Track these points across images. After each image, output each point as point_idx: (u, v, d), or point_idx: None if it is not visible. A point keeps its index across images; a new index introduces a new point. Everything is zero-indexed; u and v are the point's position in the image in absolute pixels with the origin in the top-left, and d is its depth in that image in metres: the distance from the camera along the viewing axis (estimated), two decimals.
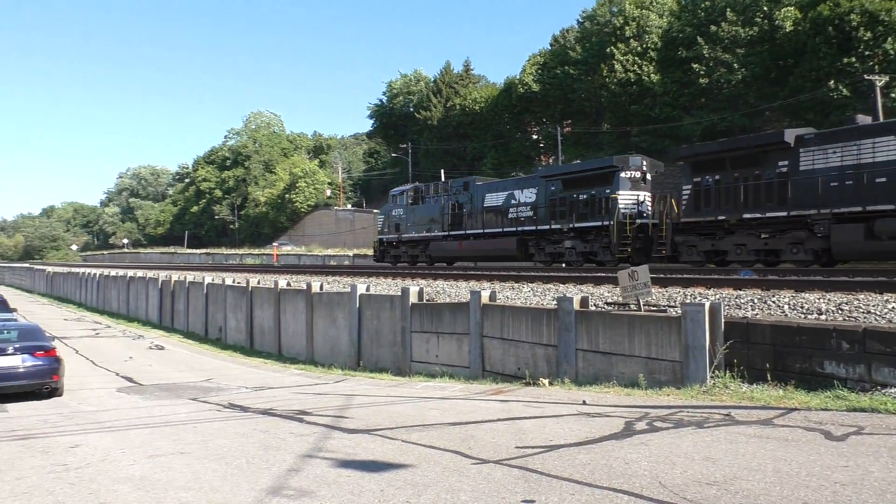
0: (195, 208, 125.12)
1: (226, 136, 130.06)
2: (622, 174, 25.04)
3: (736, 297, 12.92)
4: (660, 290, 14.65)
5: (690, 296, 13.65)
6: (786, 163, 19.51)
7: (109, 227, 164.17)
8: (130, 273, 47.11)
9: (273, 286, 25.15)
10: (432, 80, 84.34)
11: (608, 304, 13.87)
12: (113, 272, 51.96)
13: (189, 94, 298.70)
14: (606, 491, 6.00)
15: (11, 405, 13.88)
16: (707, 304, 11.00)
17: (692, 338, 10.87)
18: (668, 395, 10.35)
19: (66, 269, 74.58)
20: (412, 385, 14.52)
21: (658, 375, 11.38)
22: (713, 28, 48.56)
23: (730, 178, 20.96)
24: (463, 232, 31.41)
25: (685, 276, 16.87)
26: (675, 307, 12.30)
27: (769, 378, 10.15)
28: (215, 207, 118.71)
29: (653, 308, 12.57)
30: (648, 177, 25.55)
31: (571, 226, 25.89)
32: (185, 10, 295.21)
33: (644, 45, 54.31)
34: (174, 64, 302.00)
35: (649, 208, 24.45)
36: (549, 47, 67.21)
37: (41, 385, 14.76)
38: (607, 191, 24.79)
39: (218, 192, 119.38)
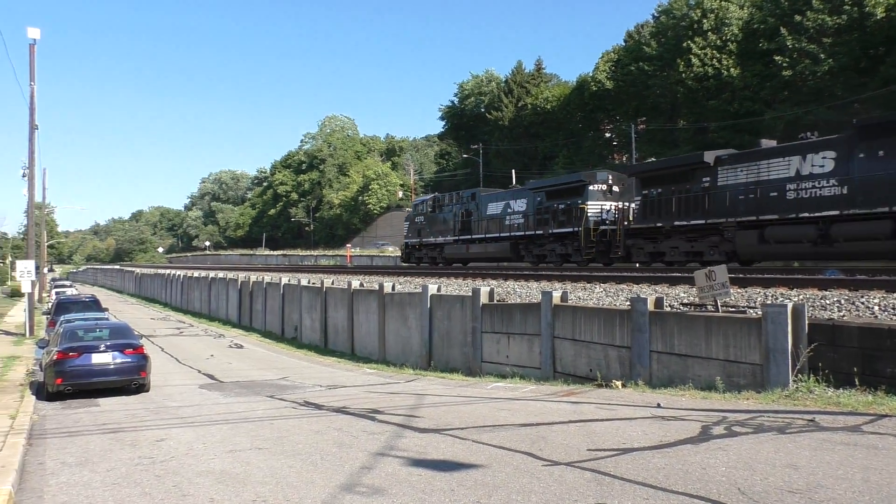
0: (272, 211, 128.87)
1: (302, 141, 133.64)
2: (591, 187, 28.50)
3: (821, 298, 12.36)
4: (738, 290, 14.17)
5: (771, 296, 13.15)
6: (707, 179, 23.01)
7: (193, 229, 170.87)
8: (212, 274, 48.86)
9: (346, 287, 25.61)
10: (504, 80, 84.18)
11: (684, 304, 13.51)
12: (195, 273, 54.02)
13: (267, 100, 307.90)
14: (682, 496, 5.85)
15: (103, 400, 14.61)
16: (790, 305, 10.57)
17: (773, 340, 10.47)
18: (748, 399, 10.00)
19: (152, 271, 77.98)
20: (483, 385, 14.52)
21: (736, 379, 11.02)
22: (797, 18, 46.62)
23: (668, 192, 24.40)
24: (470, 237, 35.29)
25: (765, 276, 16.25)
26: (755, 308, 11.88)
27: (857, 383, 9.67)
28: (291, 210, 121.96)
29: (731, 309, 12.18)
30: (615, 189, 28.77)
31: (551, 231, 29.57)
32: (263, 21, 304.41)
33: (723, 38, 52.70)
34: (253, 72, 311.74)
35: (614, 216, 27.54)
36: (623, 43, 66.07)
37: (130, 381, 15.46)
38: (579, 202, 28.45)
39: (294, 196, 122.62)
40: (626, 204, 27.02)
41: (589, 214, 27.71)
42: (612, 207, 27.80)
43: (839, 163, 19.26)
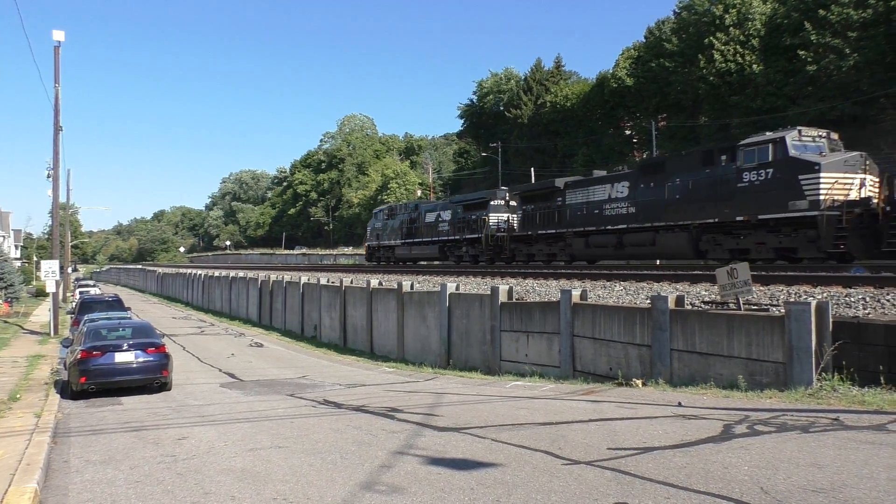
0: (292, 210, 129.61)
1: (321, 140, 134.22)
2: (492, 202, 35.70)
3: (845, 296, 12.18)
4: (761, 288, 14.01)
5: (795, 294, 12.98)
6: (560, 199, 30.07)
7: (213, 229, 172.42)
8: (232, 273, 49.24)
9: (365, 286, 25.68)
10: (523, 77, 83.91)
11: (705, 303, 13.39)
12: (216, 273, 54.47)
13: (287, 100, 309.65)
14: (703, 495, 5.80)
15: (126, 398, 14.78)
16: (813, 303, 10.43)
17: (797, 338, 10.34)
18: (770, 397, 9.88)
19: (174, 270, 78.77)
20: (502, 384, 14.49)
21: (759, 377, 10.89)
22: (822, 12, 45.93)
23: (537, 208, 31.58)
24: (413, 240, 42.55)
25: (789, 273, 16.06)
26: (778, 306, 11.73)
27: (883, 381, 9.51)
28: (311, 209, 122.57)
29: (753, 307, 12.04)
30: (512, 203, 35.13)
31: (464, 237, 36.90)
32: (283, 21, 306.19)
33: (746, 33, 52.08)
34: (273, 72, 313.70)
35: (505, 225, 34.59)
36: (644, 40, 65.56)
37: (152, 380, 15.63)
38: (483, 214, 35.48)
39: (313, 195, 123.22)
40: (512, 216, 34.54)
41: (490, 223, 34.97)
42: (508, 218, 34.82)
43: (630, 191, 26.08)
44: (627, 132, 68.75)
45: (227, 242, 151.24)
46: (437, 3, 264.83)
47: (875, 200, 18.73)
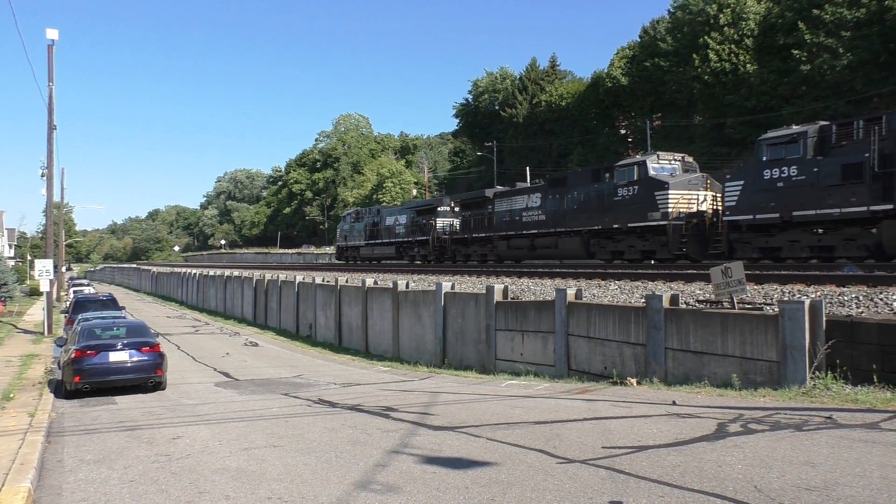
0: (287, 209, 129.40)
1: (316, 139, 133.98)
2: (439, 208, 40.78)
3: (839, 295, 12.24)
4: (755, 287, 14.06)
5: (788, 293, 13.04)
6: (490, 207, 35.07)
7: (208, 228, 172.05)
8: (227, 272, 49.15)
9: (360, 285, 25.66)
10: (518, 77, 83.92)
11: (700, 301, 13.42)
12: (211, 272, 54.36)
13: (282, 99, 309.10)
14: (697, 494, 5.81)
15: (120, 397, 14.74)
16: (807, 302, 10.47)
17: (790, 337, 10.37)
18: (764, 396, 9.92)
19: (168, 269, 78.57)
20: (497, 383, 14.51)
21: (753, 376, 10.93)
22: (816, 12, 46.09)
23: (473, 214, 36.99)
24: (374, 241, 48.18)
25: (783, 272, 16.12)
26: (772, 305, 11.77)
27: (876, 380, 9.55)
28: (306, 208, 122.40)
29: (747, 306, 12.08)
30: (457, 209, 39.76)
31: (416, 238, 42.09)
32: (278, 19, 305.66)
33: (740, 33, 52.20)
34: (268, 71, 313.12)
35: (449, 229, 39.59)
36: (639, 39, 65.66)
37: (147, 379, 15.59)
38: (431, 218, 40.60)
39: (309, 194, 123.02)
40: (455, 220, 39.30)
41: (437, 227, 39.74)
42: (452, 222, 39.64)
43: (542, 201, 30.95)
44: (622, 131, 68.86)
45: (222, 241, 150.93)
46: (432, 2, 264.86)
47: (708, 213, 23.45)
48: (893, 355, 9.56)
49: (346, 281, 28.59)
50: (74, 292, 42.53)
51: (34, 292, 55.24)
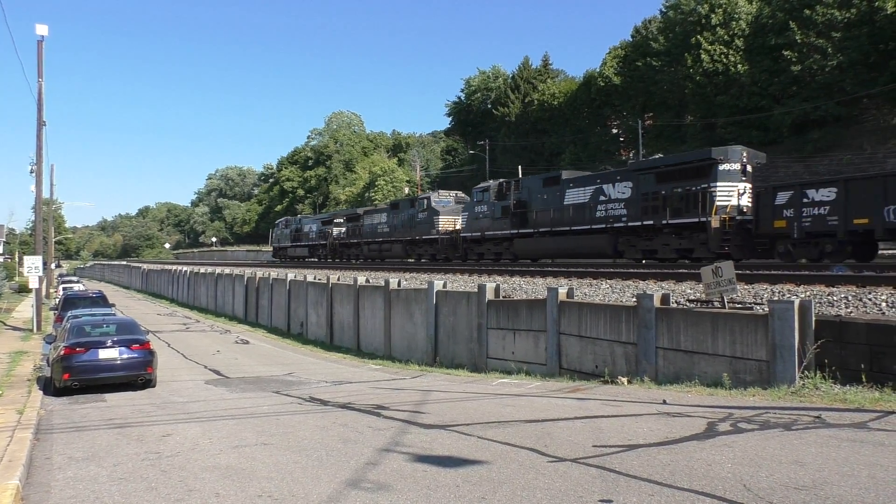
0: (279, 207, 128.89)
1: (308, 137, 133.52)
2: (335, 220, 53.50)
3: (828, 295, 12.31)
4: (745, 287, 14.12)
5: (778, 293, 13.11)
6: (361, 221, 48.10)
7: (199, 225, 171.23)
8: (218, 270, 48.99)
9: (352, 283, 25.63)
10: (510, 75, 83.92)
11: (690, 301, 13.48)
12: (202, 269, 54.17)
13: (273, 96, 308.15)
14: (687, 493, 5.84)
15: (109, 395, 14.67)
16: (797, 302, 10.53)
17: (780, 336, 10.43)
18: (754, 395, 9.97)
19: (159, 267, 78.19)
20: (488, 382, 14.52)
21: (743, 375, 10.98)
22: (807, 12, 46.31)
23: (354, 225, 48.88)
24: (295, 244, 61.61)
25: (773, 272, 16.21)
26: (762, 304, 11.84)
27: (864, 380, 9.62)
28: (298, 206, 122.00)
29: (738, 305, 12.14)
30: (345, 219, 53.22)
31: (319, 242, 54.83)
32: (270, 16, 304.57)
33: (731, 33, 52.38)
34: (259, 68, 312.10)
35: (343, 236, 52.04)
36: (630, 39, 65.77)
37: (136, 376, 15.51)
38: (330, 227, 53.21)
39: (301, 192, 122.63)
40: (342, 230, 51.79)
41: (333, 234, 52.46)
42: (343, 231, 51.52)
43: (388, 218, 44.80)
44: (614, 131, 69.00)
45: (213, 239, 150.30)
46: (424, 0, 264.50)
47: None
48: (882, 355, 9.63)
49: (338, 279, 28.54)
50: (64, 289, 42.31)
51: (23, 289, 54.83)
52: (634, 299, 13.50)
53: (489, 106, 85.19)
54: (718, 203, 22.94)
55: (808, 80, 47.31)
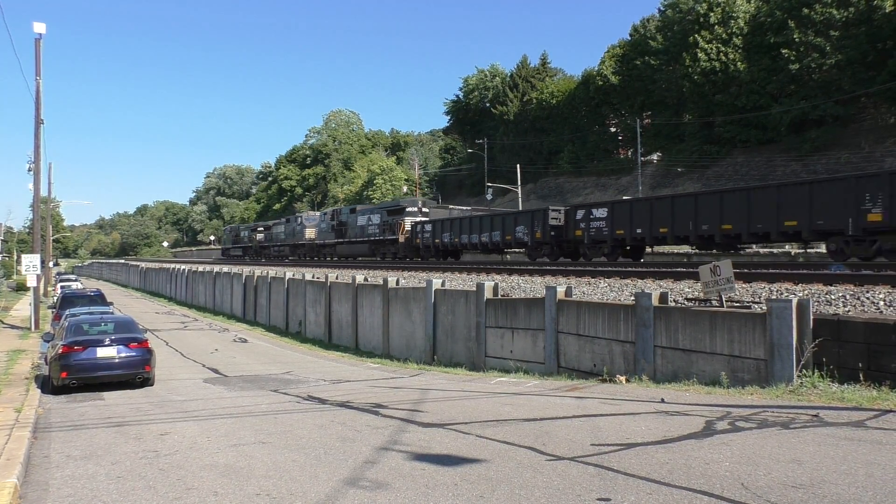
0: (277, 206, 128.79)
1: (307, 135, 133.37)
2: (258, 228, 72.36)
3: (826, 293, 12.33)
4: (744, 285, 14.14)
5: (776, 291, 13.12)
6: (271, 230, 68.22)
7: (197, 224, 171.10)
8: (216, 268, 48.94)
9: (350, 281, 25.62)
10: (508, 74, 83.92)
11: (689, 300, 13.49)
12: (200, 268, 54.11)
13: (272, 94, 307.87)
14: (685, 491, 5.84)
15: (108, 393, 14.66)
16: (794, 301, 10.54)
17: (778, 335, 10.44)
18: (752, 394, 9.98)
19: (157, 265, 78.09)
20: (486, 380, 14.52)
21: (741, 374, 11.00)
22: (805, 11, 46.32)
23: (267, 233, 70.40)
24: (235, 245, 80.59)
25: (771, 271, 16.22)
26: (760, 303, 11.85)
27: (862, 378, 9.64)
28: (296, 205, 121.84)
29: (736, 304, 12.15)
30: (262, 229, 71.84)
31: (248, 245, 72.91)
32: (268, 15, 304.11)
33: (729, 32, 52.39)
34: (257, 66, 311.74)
35: (263, 240, 70.10)
36: (629, 38, 65.80)
37: (134, 375, 15.50)
38: (255, 234, 72.19)
39: (299, 190, 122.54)
40: (262, 235, 68.20)
41: (257, 239, 70.81)
42: (264, 237, 68.29)
43: (284, 228, 64.50)
44: (613, 130, 69.00)
45: (212, 237, 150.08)
46: None
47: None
48: (879, 354, 9.65)
49: (337, 277, 28.54)
50: (62, 288, 42.24)
51: (21, 287, 54.75)
52: (633, 298, 13.51)
53: (487, 105, 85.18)
54: (406, 228, 42.36)
55: (807, 78, 47.36)
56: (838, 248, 19.68)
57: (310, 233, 56.95)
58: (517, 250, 36.52)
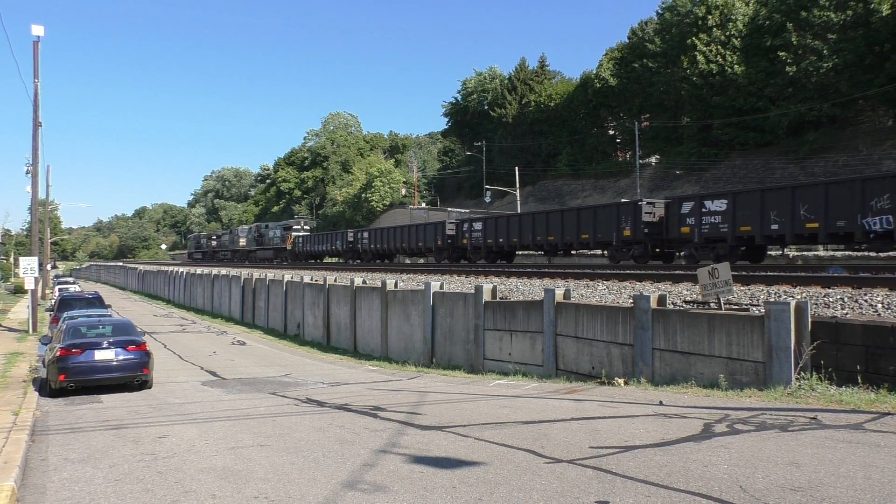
0: (276, 208, 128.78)
1: (305, 138, 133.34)
2: (213, 237, 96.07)
3: (824, 296, 12.33)
4: (742, 288, 14.15)
5: (775, 294, 13.13)
6: (225, 237, 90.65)
7: (196, 227, 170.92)
8: (214, 271, 48.91)
9: (349, 284, 25.61)
10: (507, 77, 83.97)
11: (687, 302, 13.50)
12: (198, 270, 54.07)
13: (270, 97, 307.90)
14: (683, 494, 5.84)
15: (106, 396, 14.63)
16: (793, 303, 10.54)
17: (776, 338, 10.45)
18: (750, 396, 9.98)
19: (155, 268, 78.07)
20: (485, 383, 14.52)
21: (739, 376, 11.00)
22: (803, 14, 46.40)
23: (220, 240, 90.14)
24: (197, 250, 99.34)
25: (769, 273, 16.24)
26: (758, 306, 11.85)
27: (860, 381, 9.64)
28: (295, 207, 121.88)
29: (734, 307, 12.15)
30: (216, 237, 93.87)
31: (208, 250, 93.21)
32: (266, 17, 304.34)
33: (727, 35, 52.48)
34: (256, 69, 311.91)
35: (216, 246, 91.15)
36: (627, 40, 65.88)
37: (133, 378, 15.47)
38: (211, 241, 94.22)
39: (297, 192, 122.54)
40: (217, 242, 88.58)
41: (212, 244, 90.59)
42: (217, 242, 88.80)
43: (248, 235, 77.32)
44: (611, 132, 69.08)
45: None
46: (421, 1, 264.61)
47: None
48: (878, 356, 9.65)
49: (335, 280, 28.52)
50: (60, 290, 42.18)
51: (19, 290, 54.73)
52: (631, 300, 13.51)
53: (486, 107, 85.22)
54: (292, 239, 61.95)
55: (805, 81, 47.43)
56: None
57: (242, 242, 76.52)
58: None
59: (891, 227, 18.09)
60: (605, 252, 29.81)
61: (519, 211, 48.28)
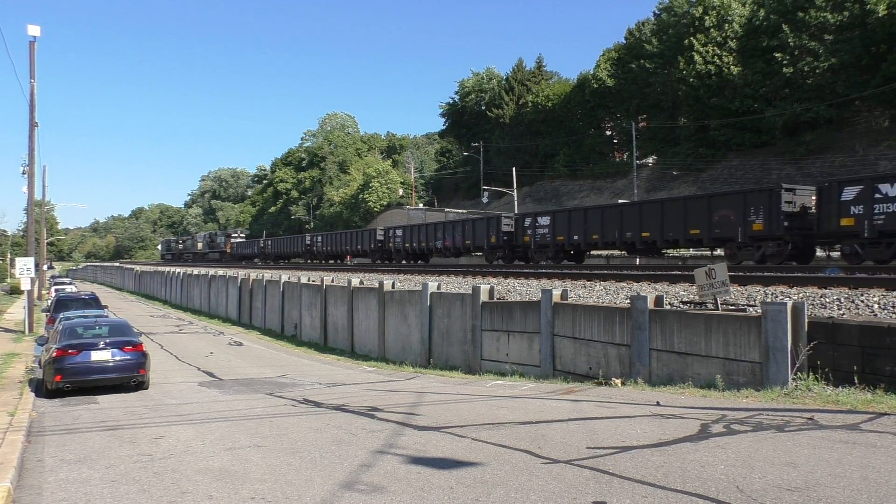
0: (273, 209, 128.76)
1: (302, 138, 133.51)
2: (188, 241, 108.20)
3: (821, 297, 12.35)
4: (739, 288, 14.17)
5: (771, 294, 13.14)
6: (199, 244, 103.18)
7: (193, 227, 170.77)
8: (211, 272, 48.85)
9: (346, 284, 25.59)
10: (504, 77, 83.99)
11: (684, 303, 13.51)
12: (195, 271, 53.99)
13: (267, 97, 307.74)
14: (680, 494, 5.85)
15: (102, 397, 14.60)
16: (789, 303, 10.56)
17: (773, 338, 10.46)
18: (747, 397, 10.00)
19: (152, 268, 77.94)
20: (482, 383, 14.51)
21: (736, 377, 11.01)
22: (800, 14, 46.49)
23: (201, 247, 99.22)
24: (168, 253, 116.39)
25: (766, 274, 16.27)
26: (755, 306, 11.87)
27: (856, 381, 9.66)
28: (292, 208, 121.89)
29: (731, 307, 12.17)
30: (187, 242, 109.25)
31: (179, 252, 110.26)
32: (264, 17, 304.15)
33: (724, 35, 52.56)
34: (253, 69, 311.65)
35: (190, 250, 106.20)
36: (624, 41, 65.95)
37: (129, 378, 15.43)
38: (185, 245, 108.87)
39: (294, 193, 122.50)
40: (193, 246, 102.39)
41: (180, 249, 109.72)
42: (193, 247, 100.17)
43: (205, 243, 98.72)
44: (608, 133, 69.14)
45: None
46: (419, 2, 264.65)
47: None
48: (874, 357, 9.67)
49: (332, 281, 28.50)
50: (56, 291, 42.07)
51: (15, 291, 54.63)
52: (628, 301, 13.52)
53: (483, 108, 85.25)
54: (231, 242, 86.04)
55: (801, 82, 47.52)
56: None
57: (199, 246, 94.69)
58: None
59: None
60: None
61: (517, 211, 47.55)
